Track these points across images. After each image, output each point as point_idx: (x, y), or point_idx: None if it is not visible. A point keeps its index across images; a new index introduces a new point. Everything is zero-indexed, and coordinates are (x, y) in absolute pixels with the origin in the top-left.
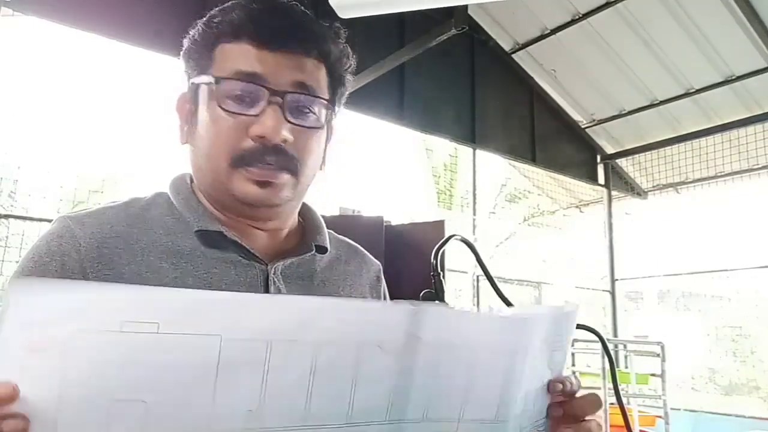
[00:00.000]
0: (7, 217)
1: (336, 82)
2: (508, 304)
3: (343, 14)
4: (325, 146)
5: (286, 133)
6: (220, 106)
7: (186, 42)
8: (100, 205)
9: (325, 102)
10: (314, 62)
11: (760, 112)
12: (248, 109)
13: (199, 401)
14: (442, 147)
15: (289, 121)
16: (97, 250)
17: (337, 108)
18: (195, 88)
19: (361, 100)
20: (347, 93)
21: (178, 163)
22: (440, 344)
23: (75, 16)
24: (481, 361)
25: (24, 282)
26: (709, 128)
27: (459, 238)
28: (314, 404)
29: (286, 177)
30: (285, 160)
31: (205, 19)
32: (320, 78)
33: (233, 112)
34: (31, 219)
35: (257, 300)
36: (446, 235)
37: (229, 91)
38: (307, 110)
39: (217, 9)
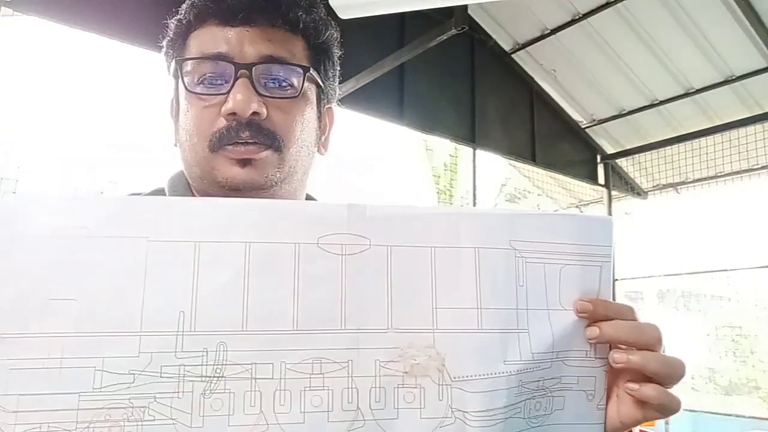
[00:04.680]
0: None
1: (318, 53)
2: None
3: (343, 14)
4: (319, 125)
5: (256, 106)
6: (192, 92)
7: (165, 42)
8: None
9: (300, 70)
10: (284, 33)
11: (760, 112)
12: (219, 89)
13: (129, 301)
14: (442, 147)
15: (260, 94)
16: None
17: (324, 80)
18: (176, 85)
19: (361, 100)
20: (338, 68)
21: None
22: (391, 244)
23: (75, 16)
24: (445, 262)
25: None
26: (709, 128)
27: None
28: (252, 308)
29: (267, 153)
30: (264, 136)
31: (177, 15)
32: (295, 50)
33: (204, 94)
34: None
35: (183, 203)
36: None
37: (199, 76)
38: (284, 83)
39: (186, 2)
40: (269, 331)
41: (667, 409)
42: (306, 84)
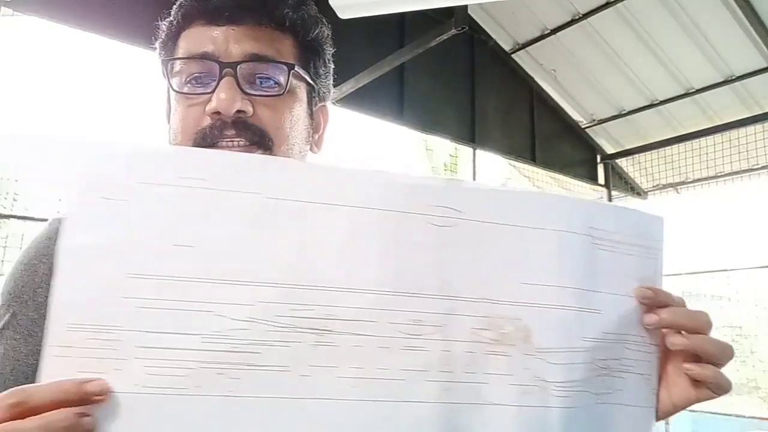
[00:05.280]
0: (7, 217)
1: (307, 51)
2: None
3: (343, 14)
4: (311, 123)
5: (240, 105)
6: (179, 92)
7: (157, 44)
8: None
9: (286, 68)
10: (271, 32)
11: (760, 112)
12: (205, 88)
13: (246, 253)
14: (442, 147)
15: (245, 92)
16: None
17: (314, 78)
18: (167, 87)
19: (361, 100)
20: (330, 65)
21: None
22: (483, 219)
23: (75, 16)
24: (531, 241)
25: (91, 140)
26: (709, 128)
27: None
28: (357, 268)
29: (258, 153)
30: (251, 134)
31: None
32: (282, 48)
33: (190, 94)
34: (32, 219)
35: (297, 165)
36: None
37: (187, 76)
38: (270, 81)
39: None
40: (373, 291)
41: (721, 387)
42: (293, 81)
